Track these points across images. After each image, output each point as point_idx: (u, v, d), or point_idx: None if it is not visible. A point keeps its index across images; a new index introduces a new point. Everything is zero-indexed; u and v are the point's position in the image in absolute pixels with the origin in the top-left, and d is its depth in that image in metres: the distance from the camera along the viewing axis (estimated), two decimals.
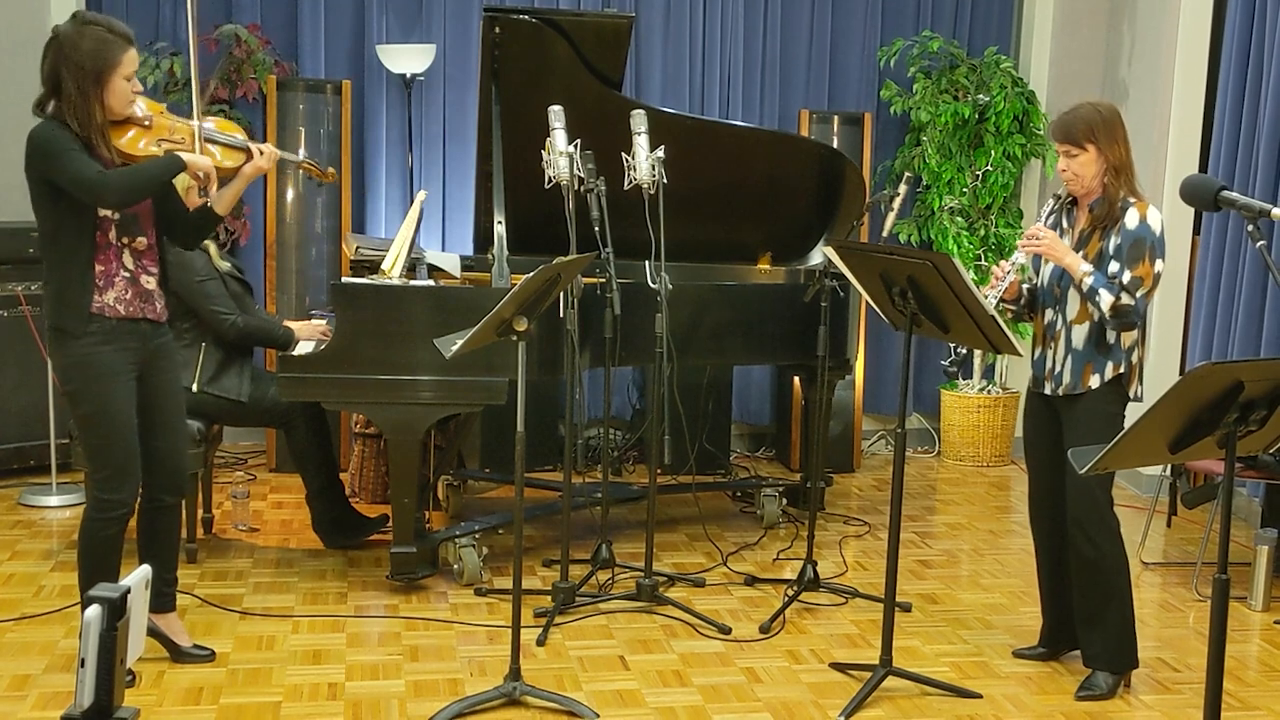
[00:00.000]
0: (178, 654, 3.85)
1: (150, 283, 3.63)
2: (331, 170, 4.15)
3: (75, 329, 3.51)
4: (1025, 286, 3.97)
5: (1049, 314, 3.87)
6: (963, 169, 6.56)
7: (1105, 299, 3.66)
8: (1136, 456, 2.79)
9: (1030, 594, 4.19)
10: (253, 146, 3.74)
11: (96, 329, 3.52)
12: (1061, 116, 3.79)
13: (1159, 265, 3.70)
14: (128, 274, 3.57)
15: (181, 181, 3.75)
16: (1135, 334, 3.76)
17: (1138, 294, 3.66)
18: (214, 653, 3.89)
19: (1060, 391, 3.81)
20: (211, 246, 4.77)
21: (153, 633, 3.83)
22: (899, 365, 3.83)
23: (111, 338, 3.54)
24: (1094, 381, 3.75)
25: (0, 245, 5.60)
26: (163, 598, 3.85)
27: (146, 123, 3.61)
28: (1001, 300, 3.90)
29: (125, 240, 3.57)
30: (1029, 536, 4.11)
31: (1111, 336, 3.74)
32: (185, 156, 3.54)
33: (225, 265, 4.85)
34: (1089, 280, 3.68)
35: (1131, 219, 3.70)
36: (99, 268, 3.52)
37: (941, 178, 6.55)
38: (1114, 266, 3.69)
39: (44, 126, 3.48)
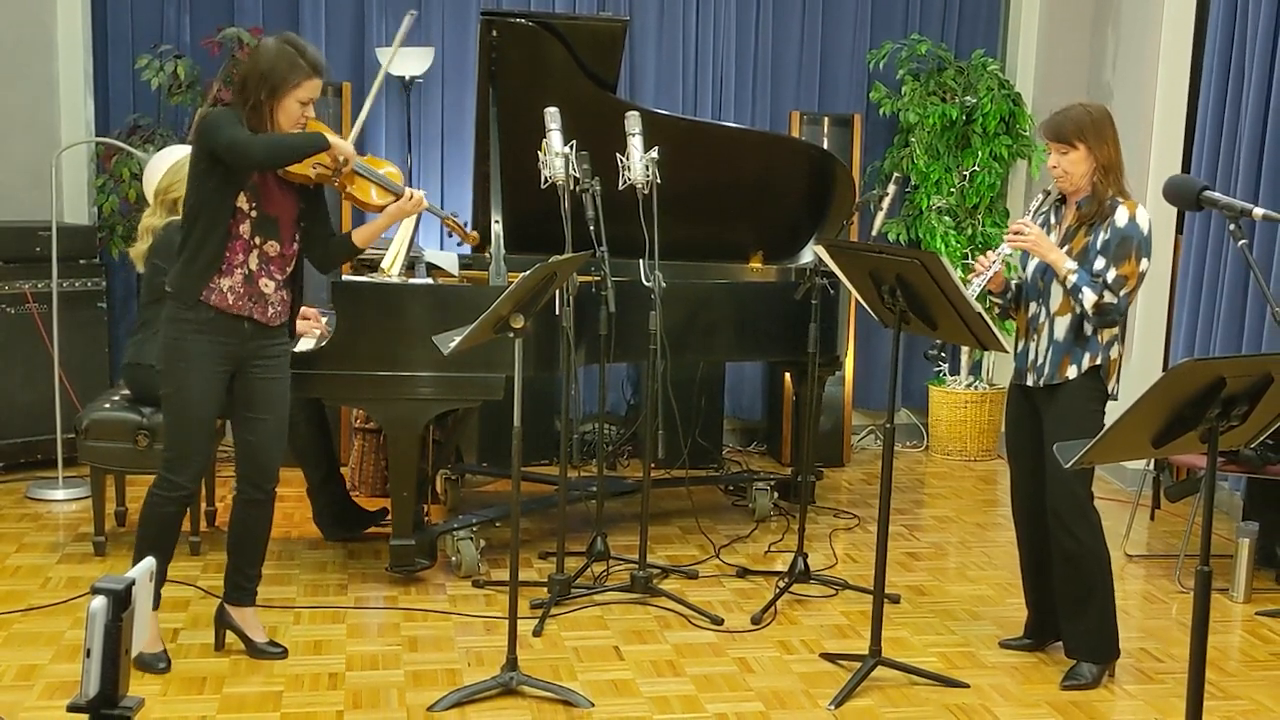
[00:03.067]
0: (252, 649, 3.89)
1: (268, 287, 3.69)
2: (475, 234, 4.19)
3: (183, 303, 3.60)
4: (1013, 282, 4.01)
5: (1033, 307, 3.91)
6: (950, 169, 6.62)
7: (1088, 297, 3.71)
8: (1120, 451, 2.82)
9: (1016, 586, 4.24)
10: (406, 190, 3.82)
11: (195, 317, 3.61)
12: (1054, 115, 3.83)
13: (1144, 264, 3.74)
14: (248, 272, 3.65)
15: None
16: (1114, 329, 3.81)
17: (1121, 293, 3.72)
18: (286, 650, 3.91)
19: (1041, 383, 3.85)
20: None
21: (229, 626, 3.90)
22: (888, 362, 3.90)
23: (208, 329, 3.62)
24: (1071, 372, 3.80)
25: (7, 243, 5.65)
26: (241, 591, 3.89)
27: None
28: (989, 294, 3.95)
29: (258, 240, 3.65)
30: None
31: (1089, 328, 3.78)
32: (331, 138, 3.58)
33: None
34: (1073, 278, 3.73)
35: (1121, 217, 3.75)
36: (225, 254, 3.60)
37: (929, 178, 6.60)
38: (1099, 264, 3.74)
39: (218, 108, 3.61)
